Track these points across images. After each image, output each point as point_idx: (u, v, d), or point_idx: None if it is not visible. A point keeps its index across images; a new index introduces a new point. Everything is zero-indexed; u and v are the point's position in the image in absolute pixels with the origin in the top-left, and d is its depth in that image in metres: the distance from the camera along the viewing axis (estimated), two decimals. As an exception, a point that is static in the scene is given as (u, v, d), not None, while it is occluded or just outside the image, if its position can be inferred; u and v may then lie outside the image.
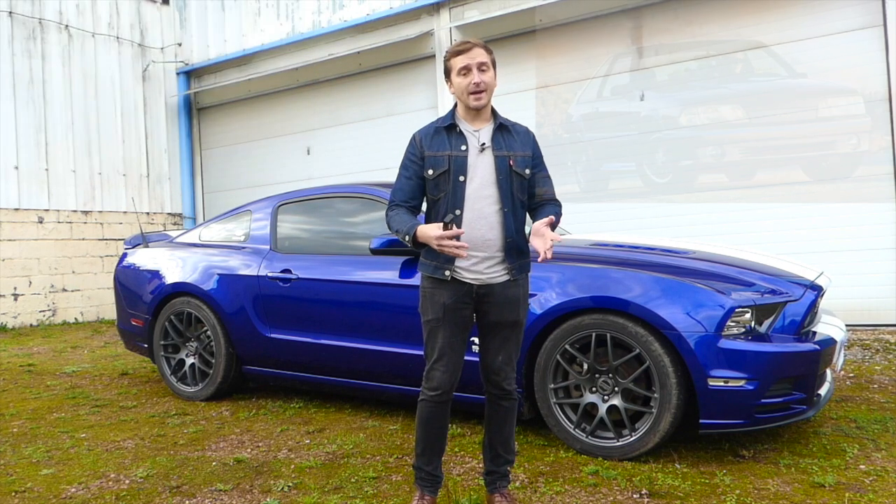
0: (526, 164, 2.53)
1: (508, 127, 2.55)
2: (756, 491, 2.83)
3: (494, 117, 2.55)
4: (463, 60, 2.45)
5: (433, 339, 2.52)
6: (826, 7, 6.51)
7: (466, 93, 2.45)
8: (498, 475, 2.68)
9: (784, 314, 3.21)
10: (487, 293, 2.50)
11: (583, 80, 7.76)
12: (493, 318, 2.53)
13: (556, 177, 2.60)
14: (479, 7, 8.28)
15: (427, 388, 2.53)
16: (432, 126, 2.57)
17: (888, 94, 6.26)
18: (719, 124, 7.01)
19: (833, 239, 6.48)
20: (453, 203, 2.45)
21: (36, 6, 9.56)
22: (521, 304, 2.56)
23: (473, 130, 2.51)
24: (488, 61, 2.47)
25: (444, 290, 2.49)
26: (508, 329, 2.56)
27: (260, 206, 4.83)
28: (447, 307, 2.48)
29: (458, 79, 2.48)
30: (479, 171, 2.47)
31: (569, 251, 3.80)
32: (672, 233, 6.83)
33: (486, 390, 2.65)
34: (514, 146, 2.52)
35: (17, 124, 9.28)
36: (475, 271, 2.48)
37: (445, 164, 2.47)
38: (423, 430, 2.58)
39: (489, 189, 2.47)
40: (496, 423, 2.66)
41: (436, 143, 2.51)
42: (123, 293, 5.25)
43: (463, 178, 2.46)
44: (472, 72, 2.44)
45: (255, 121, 10.63)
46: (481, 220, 2.45)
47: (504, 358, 2.58)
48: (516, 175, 2.50)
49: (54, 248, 9.65)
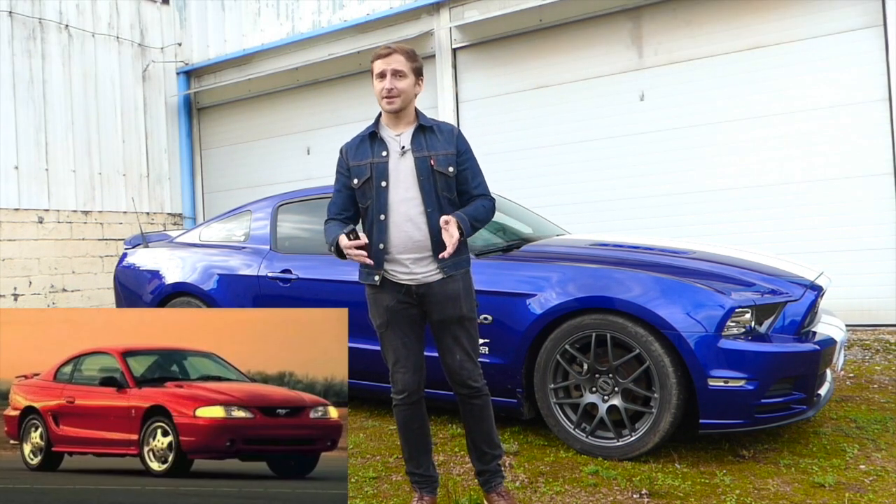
0: (449, 162, 2.55)
1: (432, 127, 2.59)
2: (756, 491, 2.83)
3: (418, 119, 2.61)
4: (380, 66, 2.53)
5: (386, 344, 2.59)
6: (826, 7, 6.51)
7: (380, 97, 2.54)
8: (490, 473, 2.68)
9: (784, 314, 3.21)
10: (426, 293, 2.55)
11: (583, 80, 7.76)
12: (436, 316, 2.57)
13: (554, 177, 2.62)
14: (479, 7, 8.28)
15: (394, 392, 2.59)
16: (358, 137, 2.64)
17: (888, 94, 6.26)
18: (719, 124, 7.01)
19: (833, 239, 6.48)
20: (378, 209, 2.52)
21: (36, 6, 9.56)
22: (462, 298, 2.58)
23: (395, 135, 2.57)
24: (406, 69, 2.52)
25: (384, 293, 2.56)
26: (456, 325, 2.58)
27: (260, 206, 4.83)
28: (391, 310, 2.55)
29: (375, 82, 2.56)
30: (400, 175, 2.53)
31: (569, 251, 3.81)
32: (672, 233, 6.83)
33: (455, 391, 2.65)
34: (436, 146, 2.56)
35: (17, 124, 9.28)
36: (409, 272, 2.54)
37: (367, 171, 2.55)
38: (404, 433, 2.64)
39: (412, 191, 2.52)
40: (473, 421, 2.66)
41: (359, 153, 2.59)
42: (123, 293, 5.25)
43: (385, 184, 2.52)
44: (385, 77, 2.51)
45: (255, 121, 10.63)
46: (407, 222, 2.50)
47: (461, 356, 2.59)
48: (439, 174, 2.54)
49: (54, 248, 9.64)
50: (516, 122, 8.14)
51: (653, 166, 7.33)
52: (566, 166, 7.79)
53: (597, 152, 7.67)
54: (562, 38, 7.87)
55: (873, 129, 6.34)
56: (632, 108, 7.46)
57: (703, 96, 7.08)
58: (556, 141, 7.87)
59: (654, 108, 7.34)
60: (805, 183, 6.63)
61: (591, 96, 7.71)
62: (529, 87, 8.09)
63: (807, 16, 6.60)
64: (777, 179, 6.75)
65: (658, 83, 7.33)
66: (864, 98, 6.37)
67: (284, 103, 10.26)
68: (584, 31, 7.72)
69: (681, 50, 7.20)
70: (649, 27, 7.37)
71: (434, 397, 3.31)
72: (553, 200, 7.67)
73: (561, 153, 7.84)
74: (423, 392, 2.61)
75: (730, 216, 6.93)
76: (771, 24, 6.74)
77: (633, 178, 7.45)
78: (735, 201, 6.92)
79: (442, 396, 3.43)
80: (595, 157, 7.67)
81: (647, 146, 7.36)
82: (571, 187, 7.73)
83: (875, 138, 6.33)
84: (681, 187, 7.20)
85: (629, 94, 7.48)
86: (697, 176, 7.13)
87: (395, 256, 2.52)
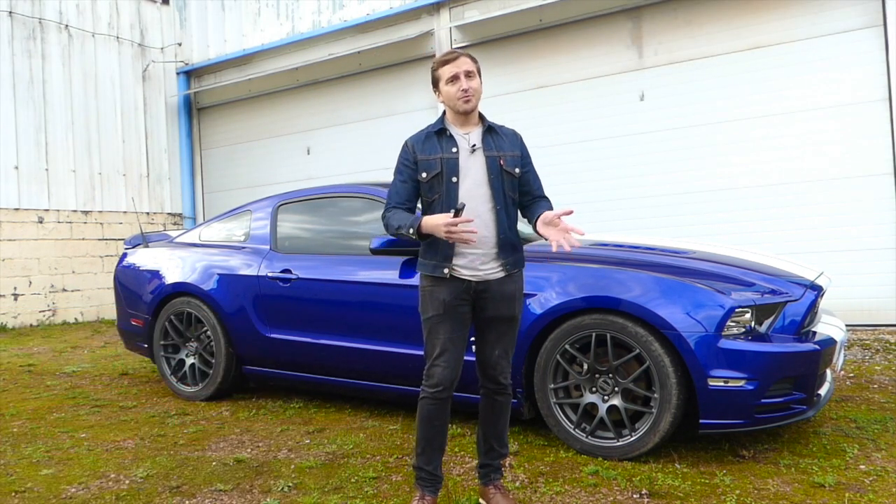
0: (515, 163, 2.63)
1: (496, 129, 2.66)
2: (756, 491, 2.83)
3: (482, 121, 2.66)
4: (451, 69, 2.56)
5: (434, 336, 2.59)
6: (826, 7, 6.51)
7: (456, 99, 2.56)
8: (491, 468, 2.75)
9: (784, 314, 3.21)
10: (485, 289, 2.58)
11: (583, 80, 7.76)
12: (490, 313, 2.61)
13: (554, 177, 2.62)
14: (479, 7, 8.28)
15: (427, 385, 2.58)
16: (423, 132, 2.66)
17: (888, 94, 6.26)
18: (719, 124, 7.01)
19: (833, 239, 6.48)
20: (447, 203, 2.53)
21: (36, 6, 9.56)
22: (517, 299, 2.65)
23: (463, 134, 2.61)
24: (474, 69, 2.59)
25: (443, 287, 2.57)
26: (505, 324, 2.64)
27: (260, 206, 4.83)
28: (447, 304, 2.56)
29: (447, 87, 2.59)
30: (470, 172, 2.56)
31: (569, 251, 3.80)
32: (672, 233, 6.83)
33: (482, 384, 2.71)
34: (504, 147, 2.63)
35: (17, 124, 9.28)
36: (472, 268, 2.57)
37: (438, 166, 2.56)
38: (424, 428, 2.63)
39: (482, 188, 2.56)
40: (491, 417, 2.72)
41: (427, 147, 2.60)
42: (123, 293, 5.25)
43: (455, 179, 2.55)
44: (460, 79, 2.55)
45: (255, 121, 10.63)
46: (475, 218, 2.52)
47: (500, 352, 2.66)
48: (507, 174, 2.60)
49: (54, 248, 9.65)
50: (516, 122, 8.06)
51: (653, 166, 7.33)
52: (566, 166, 7.79)
53: (597, 152, 7.67)
54: (562, 38, 7.87)
55: (873, 129, 6.34)
56: (632, 108, 7.46)
57: (703, 96, 7.08)
58: (556, 141, 7.87)
59: (654, 108, 7.34)
60: (805, 183, 6.62)
61: (591, 96, 7.71)
62: (529, 87, 8.09)
63: (807, 16, 6.60)
64: (777, 179, 6.75)
65: (658, 83, 7.33)
66: (864, 98, 6.37)
67: (284, 103, 10.26)
68: (584, 31, 7.73)
69: (681, 50, 7.20)
70: (649, 27, 7.37)
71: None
72: (553, 200, 7.61)
73: (561, 153, 7.84)
74: (453, 391, 2.62)
75: (730, 216, 6.93)
76: (771, 24, 6.74)
77: (633, 178, 7.44)
78: (735, 201, 6.92)
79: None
80: (595, 157, 7.67)
81: (647, 146, 7.36)
82: (571, 187, 7.73)
83: (875, 138, 6.33)
84: (681, 187, 7.19)
85: (629, 94, 7.48)
86: (697, 176, 7.13)
87: (462, 251, 2.56)
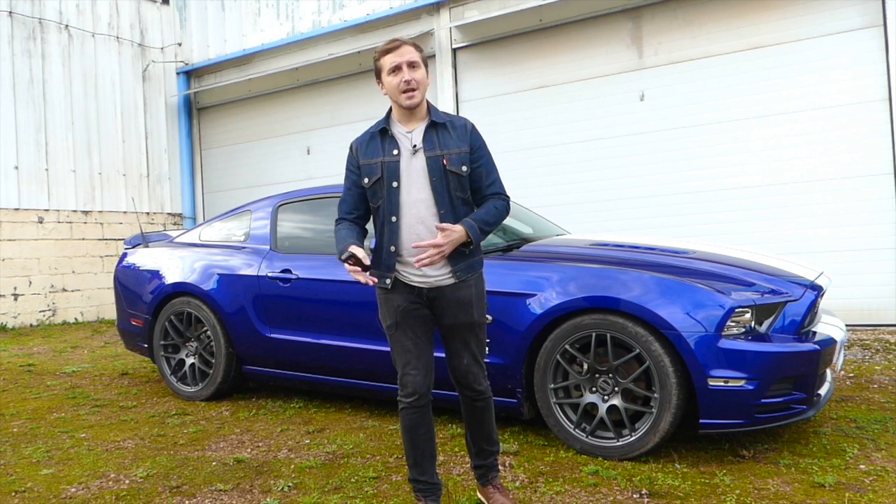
0: (462, 160, 2.43)
1: (444, 124, 2.46)
2: (756, 491, 2.83)
3: (430, 115, 2.47)
4: (393, 59, 2.39)
5: (398, 343, 2.50)
6: (826, 7, 6.51)
7: (398, 92, 2.39)
8: (487, 467, 2.69)
9: (784, 314, 3.21)
10: (437, 296, 2.47)
11: (583, 80, 7.76)
12: (448, 321, 2.50)
13: (554, 177, 2.59)
14: (479, 7, 8.28)
15: (403, 395, 2.49)
16: (368, 132, 2.51)
17: (888, 94, 6.26)
18: (719, 124, 7.01)
19: (833, 239, 6.48)
20: (390, 210, 2.42)
21: (36, 6, 9.56)
22: (473, 304, 2.51)
23: (407, 132, 2.45)
24: (418, 59, 2.41)
25: (395, 294, 2.48)
26: (466, 330, 2.52)
27: (260, 206, 4.83)
28: (402, 310, 2.47)
29: (388, 78, 2.41)
30: (412, 175, 2.41)
31: (569, 251, 3.80)
32: (672, 233, 6.83)
33: (459, 392, 2.64)
34: (449, 144, 2.43)
35: (17, 124, 9.28)
36: (420, 274, 2.45)
37: (378, 171, 2.43)
38: (410, 438, 2.55)
39: (424, 192, 2.41)
40: (474, 422, 2.66)
41: (370, 150, 2.47)
42: (123, 293, 5.25)
43: (396, 184, 2.41)
44: (402, 70, 2.37)
45: (255, 121, 10.63)
46: (419, 224, 2.41)
47: (469, 359, 2.55)
48: (452, 174, 2.42)
49: (54, 248, 9.65)
50: (516, 122, 8.14)
51: (653, 166, 7.33)
52: (566, 166, 7.79)
53: (597, 152, 7.67)
54: (562, 38, 7.87)
55: (873, 129, 6.34)
56: (632, 108, 7.46)
57: (703, 96, 7.08)
58: (556, 141, 7.87)
59: (654, 108, 7.34)
60: (805, 183, 6.62)
61: (591, 96, 7.71)
62: (529, 87, 8.09)
63: (807, 16, 6.60)
64: (777, 179, 6.75)
65: (658, 83, 7.32)
66: (864, 98, 6.37)
67: (284, 103, 10.26)
68: (584, 31, 7.73)
69: (681, 50, 7.20)
70: (649, 27, 7.37)
71: (435, 397, 3.30)
72: (553, 200, 7.68)
73: (561, 153, 7.84)
74: (431, 395, 2.54)
75: (730, 216, 6.93)
76: (771, 24, 6.74)
77: (633, 178, 7.44)
78: (735, 201, 6.92)
79: (442, 396, 3.43)
80: (595, 157, 7.67)
81: (647, 146, 7.36)
82: (571, 187, 7.73)
83: (875, 138, 6.33)
84: (681, 187, 7.19)
85: (629, 94, 7.48)
86: (697, 176, 7.13)
87: (407, 259, 2.43)
